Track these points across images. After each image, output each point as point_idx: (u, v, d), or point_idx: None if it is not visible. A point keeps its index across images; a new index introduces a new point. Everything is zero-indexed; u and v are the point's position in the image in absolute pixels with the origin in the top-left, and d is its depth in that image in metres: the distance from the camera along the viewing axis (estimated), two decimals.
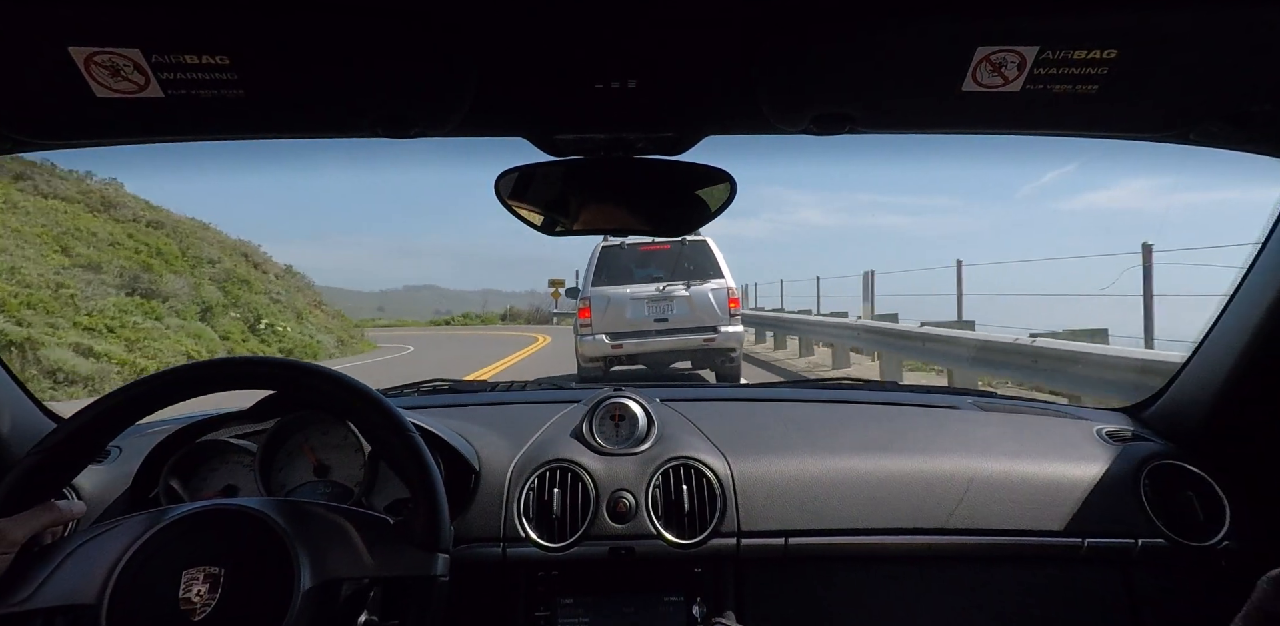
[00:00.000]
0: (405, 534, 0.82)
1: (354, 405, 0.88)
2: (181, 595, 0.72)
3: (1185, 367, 1.32)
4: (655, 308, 7.67)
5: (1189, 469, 1.23)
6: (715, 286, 7.74)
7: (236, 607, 0.73)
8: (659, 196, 1.11)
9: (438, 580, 0.82)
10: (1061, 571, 1.20)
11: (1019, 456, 1.26)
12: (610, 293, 7.65)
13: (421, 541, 0.82)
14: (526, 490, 1.18)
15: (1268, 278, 1.12)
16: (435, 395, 1.60)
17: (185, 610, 0.71)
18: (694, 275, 7.80)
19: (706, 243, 8.02)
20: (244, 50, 0.75)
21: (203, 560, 0.74)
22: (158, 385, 0.86)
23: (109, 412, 0.85)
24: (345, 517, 0.83)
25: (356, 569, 0.79)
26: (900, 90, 0.86)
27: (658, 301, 7.68)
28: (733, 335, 7.73)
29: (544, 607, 1.15)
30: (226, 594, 0.72)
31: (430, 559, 0.82)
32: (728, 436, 1.29)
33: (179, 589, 0.72)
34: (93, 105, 0.80)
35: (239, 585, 0.74)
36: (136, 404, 0.86)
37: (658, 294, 7.67)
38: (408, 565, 0.81)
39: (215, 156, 1.23)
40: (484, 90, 0.88)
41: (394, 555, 0.81)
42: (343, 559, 0.79)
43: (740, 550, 1.17)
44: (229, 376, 0.87)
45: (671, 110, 0.99)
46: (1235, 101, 0.87)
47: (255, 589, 0.74)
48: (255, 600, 0.74)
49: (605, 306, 7.60)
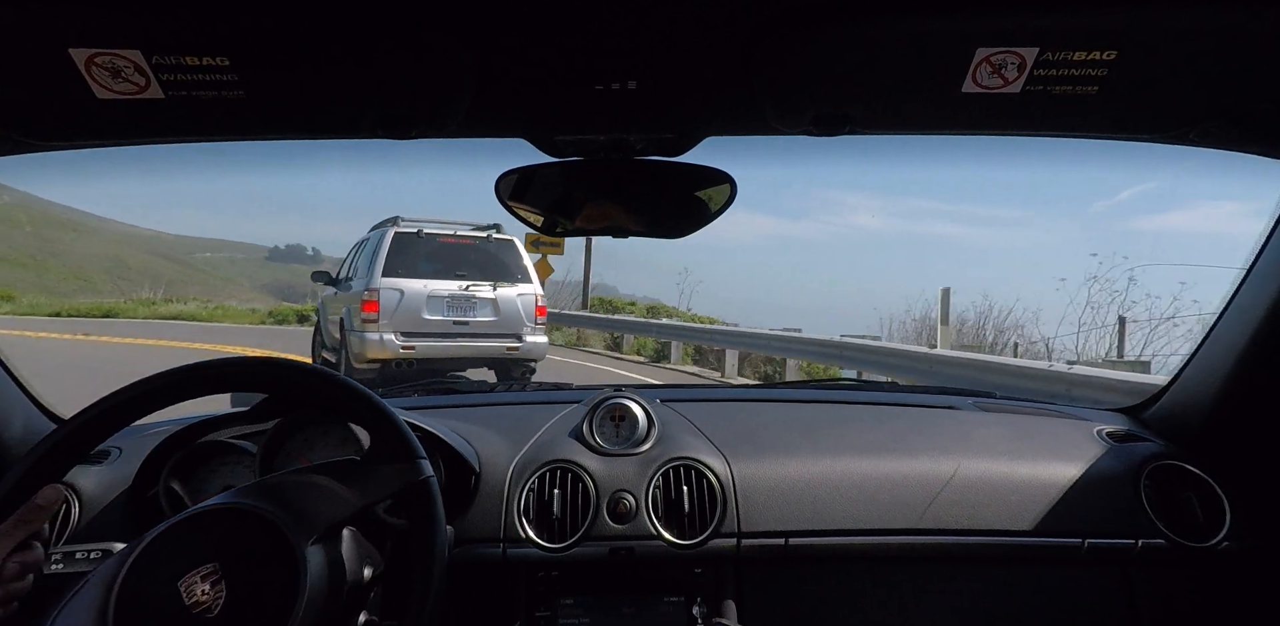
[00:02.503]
0: (378, 458, 0.84)
1: (349, 406, 0.88)
2: (187, 598, 0.72)
3: (1185, 368, 1.32)
4: (456, 308, 6.84)
5: (1189, 469, 1.23)
6: (524, 291, 7.10)
7: (245, 600, 0.72)
8: (659, 198, 1.11)
9: (430, 479, 0.83)
10: (1061, 571, 1.21)
11: (1019, 457, 1.26)
12: (405, 286, 6.65)
13: (397, 456, 0.83)
14: (527, 490, 1.18)
15: (1268, 278, 1.12)
16: (435, 395, 1.60)
17: (195, 613, 0.71)
18: (500, 276, 7.07)
19: (514, 242, 7.34)
20: (244, 51, 0.75)
21: (201, 561, 0.74)
22: (154, 386, 0.86)
23: (108, 413, 0.85)
24: (313, 472, 0.83)
25: (346, 507, 0.80)
26: (900, 91, 0.86)
27: (459, 301, 6.85)
28: (537, 346, 7.12)
29: (544, 608, 1.15)
30: (232, 588, 0.72)
31: (412, 466, 0.83)
32: (728, 437, 1.29)
33: (183, 592, 0.72)
34: (93, 106, 0.80)
35: (243, 578, 0.73)
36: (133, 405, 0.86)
37: (460, 292, 6.84)
38: (393, 480, 0.82)
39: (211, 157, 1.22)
40: (484, 91, 0.88)
41: (376, 480, 0.82)
42: (330, 505, 0.79)
43: (740, 550, 1.17)
44: (222, 377, 0.87)
45: (672, 111, 0.99)
46: (1235, 101, 0.86)
47: (260, 579, 0.74)
48: (262, 590, 0.73)
49: (398, 301, 6.58)
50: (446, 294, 6.82)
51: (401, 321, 6.63)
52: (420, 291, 6.71)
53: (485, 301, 6.94)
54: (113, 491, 1.16)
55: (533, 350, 7.13)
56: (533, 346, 7.12)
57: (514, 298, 7.06)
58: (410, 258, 6.84)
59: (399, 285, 6.66)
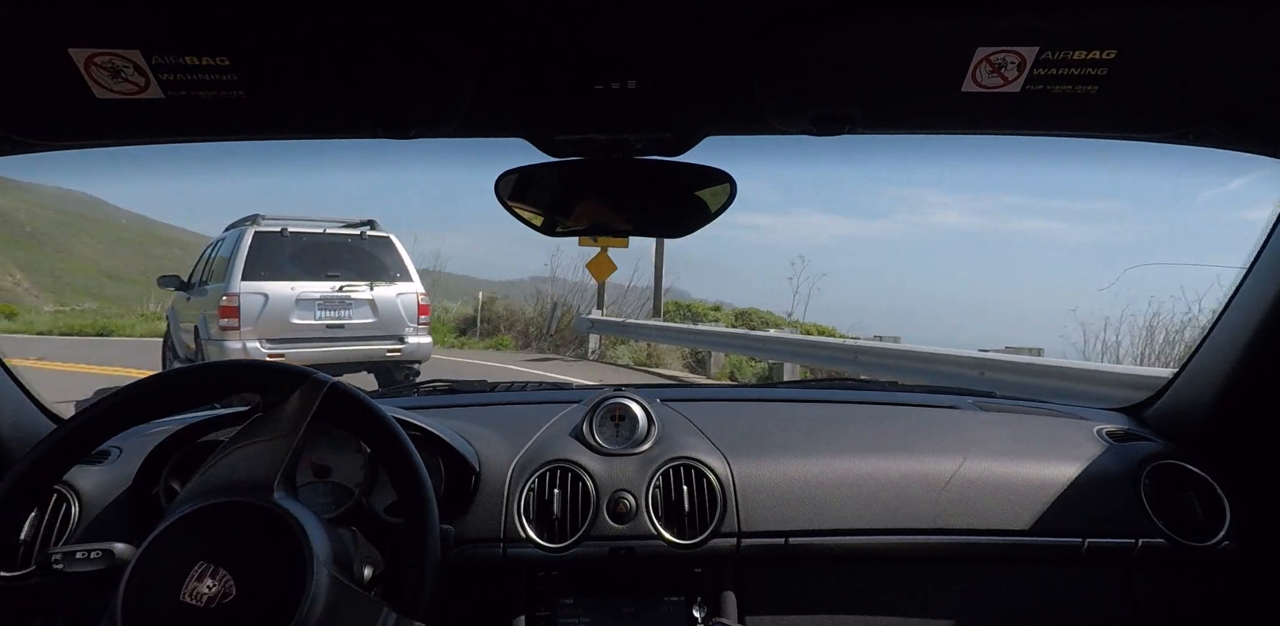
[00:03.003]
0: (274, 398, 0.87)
1: (346, 410, 0.88)
2: (194, 589, 0.72)
3: (1185, 367, 1.32)
4: (329, 311, 6.42)
5: (1189, 469, 1.23)
6: (404, 290, 6.74)
7: (252, 594, 0.73)
8: (659, 197, 1.11)
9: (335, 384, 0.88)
10: (1061, 571, 1.21)
11: (1019, 456, 1.26)
12: (269, 289, 6.18)
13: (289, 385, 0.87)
14: (527, 490, 1.18)
15: (1268, 278, 1.12)
16: (435, 396, 1.60)
17: (199, 607, 0.72)
18: (376, 275, 6.67)
19: (390, 239, 6.93)
20: (244, 51, 0.75)
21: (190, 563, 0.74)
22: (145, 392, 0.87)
23: (107, 415, 0.85)
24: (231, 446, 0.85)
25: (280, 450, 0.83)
26: (900, 91, 0.86)
27: (333, 304, 6.42)
28: (420, 347, 6.80)
29: (544, 608, 1.15)
30: (237, 573, 0.73)
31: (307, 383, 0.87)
32: (728, 436, 1.29)
33: (190, 582, 0.73)
34: (93, 106, 0.80)
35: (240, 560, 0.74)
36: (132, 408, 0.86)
37: (333, 294, 6.41)
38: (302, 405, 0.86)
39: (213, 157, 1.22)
40: (484, 91, 0.88)
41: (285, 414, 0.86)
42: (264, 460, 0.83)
43: (740, 550, 1.17)
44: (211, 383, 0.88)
45: (671, 111, 0.99)
46: (1235, 101, 0.86)
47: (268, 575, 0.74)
48: (270, 586, 0.74)
49: (261, 306, 6.15)
50: (318, 296, 6.40)
51: (267, 327, 6.21)
52: (287, 294, 6.27)
53: (361, 302, 6.56)
54: (113, 491, 1.16)
55: (416, 351, 6.81)
56: (415, 347, 6.80)
57: (393, 297, 6.70)
58: (274, 258, 6.37)
59: (262, 288, 6.21)
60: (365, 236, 6.85)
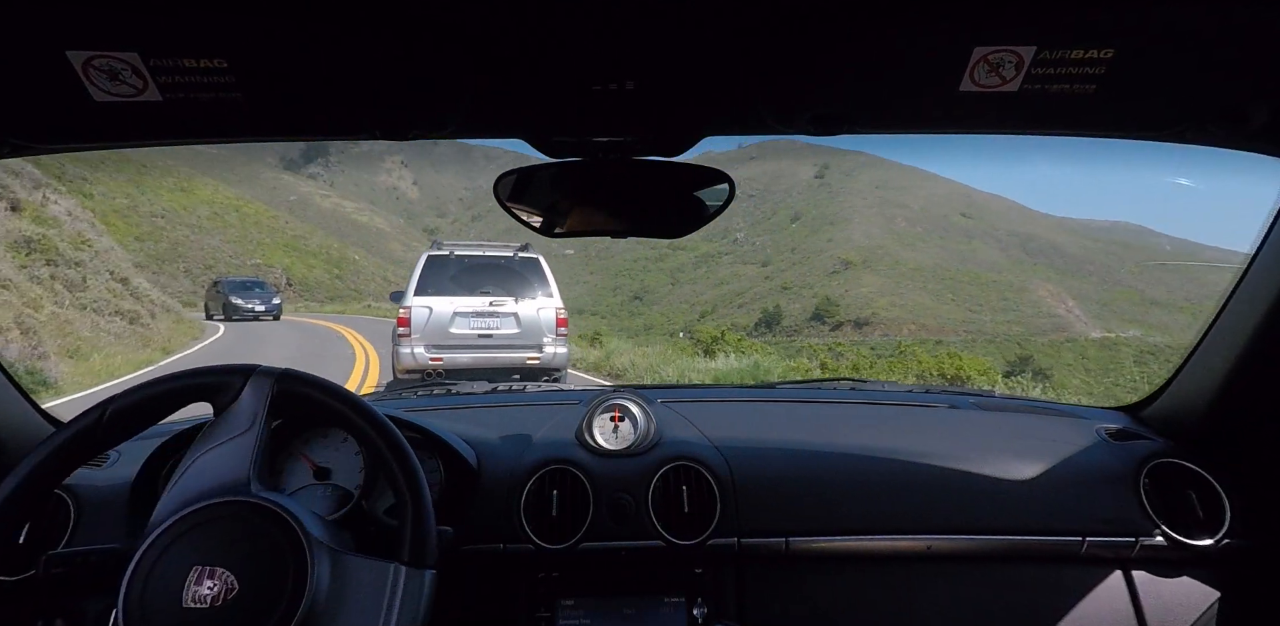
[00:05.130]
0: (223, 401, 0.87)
1: (343, 413, 0.88)
2: (195, 593, 0.73)
3: (1184, 366, 1.32)
4: (480, 322, 7.39)
5: (1189, 467, 1.23)
6: (544, 305, 7.52)
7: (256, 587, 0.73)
8: (658, 198, 1.11)
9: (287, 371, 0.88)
10: (1061, 570, 1.21)
11: (1019, 456, 1.26)
12: (433, 303, 7.33)
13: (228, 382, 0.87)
14: (527, 491, 1.18)
15: (1266, 277, 1.12)
16: (435, 397, 1.60)
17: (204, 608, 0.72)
18: (523, 291, 7.57)
19: (538, 260, 7.81)
20: (242, 54, 0.75)
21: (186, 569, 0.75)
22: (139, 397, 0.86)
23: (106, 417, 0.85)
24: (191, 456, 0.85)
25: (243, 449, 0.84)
26: (898, 91, 0.86)
27: (484, 316, 7.40)
28: (557, 356, 7.49)
29: (544, 608, 1.15)
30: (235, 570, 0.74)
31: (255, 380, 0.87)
32: (728, 437, 1.29)
33: (189, 588, 0.73)
34: (91, 109, 0.80)
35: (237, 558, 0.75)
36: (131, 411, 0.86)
37: (484, 308, 7.40)
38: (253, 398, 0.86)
39: None
40: (482, 93, 0.88)
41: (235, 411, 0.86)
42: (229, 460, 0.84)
43: (741, 550, 1.17)
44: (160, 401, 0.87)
45: (670, 111, 0.99)
46: (1234, 101, 0.86)
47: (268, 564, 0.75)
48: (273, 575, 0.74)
49: (427, 317, 7.26)
50: (472, 309, 7.35)
51: (430, 336, 7.22)
52: (448, 307, 7.29)
53: (508, 315, 7.40)
54: (112, 494, 1.16)
55: (552, 360, 7.48)
56: (552, 356, 7.48)
57: (535, 311, 7.46)
58: (440, 277, 7.47)
59: (428, 303, 7.29)
60: (517, 257, 7.76)
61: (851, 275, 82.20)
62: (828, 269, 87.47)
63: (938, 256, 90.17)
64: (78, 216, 19.30)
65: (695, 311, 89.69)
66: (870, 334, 61.54)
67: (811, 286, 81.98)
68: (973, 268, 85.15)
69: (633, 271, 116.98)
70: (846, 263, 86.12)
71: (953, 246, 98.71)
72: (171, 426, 1.25)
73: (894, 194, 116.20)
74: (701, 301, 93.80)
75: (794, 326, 69.62)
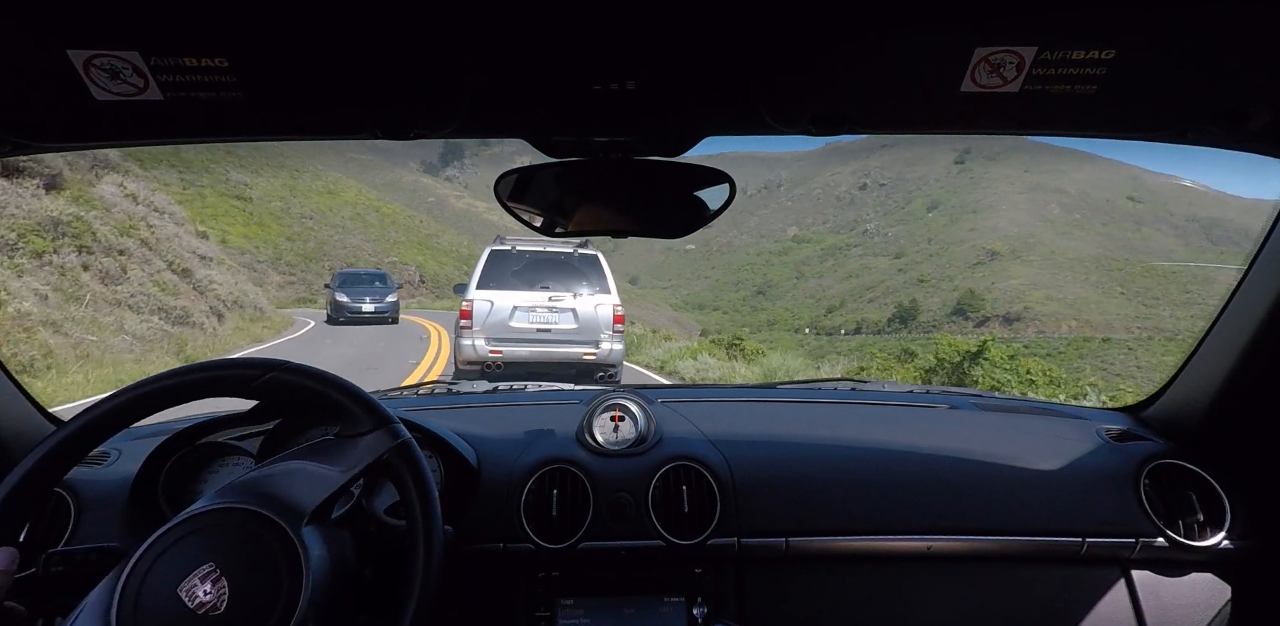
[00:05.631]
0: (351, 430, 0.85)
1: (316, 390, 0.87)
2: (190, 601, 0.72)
3: (1185, 367, 1.31)
4: (539, 316, 7.43)
5: (1189, 468, 1.22)
6: (602, 301, 7.53)
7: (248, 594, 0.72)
8: (658, 197, 1.11)
9: (409, 442, 0.84)
10: (1061, 571, 1.20)
11: (1019, 456, 1.26)
12: (494, 296, 7.40)
13: (371, 424, 0.84)
14: (526, 491, 1.18)
15: (1267, 277, 1.11)
16: (435, 396, 1.60)
17: (201, 614, 0.71)
18: (582, 287, 7.59)
19: (597, 256, 7.81)
20: (243, 52, 0.75)
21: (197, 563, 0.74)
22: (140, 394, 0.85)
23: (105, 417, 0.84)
24: (290, 458, 0.85)
25: (329, 483, 0.81)
26: (898, 91, 0.85)
27: (543, 310, 7.44)
28: (613, 352, 7.51)
29: (544, 608, 1.16)
30: (234, 584, 0.72)
31: (386, 430, 0.84)
32: (728, 436, 1.29)
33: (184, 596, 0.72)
34: (92, 108, 0.80)
35: (242, 573, 0.73)
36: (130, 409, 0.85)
37: (544, 303, 7.45)
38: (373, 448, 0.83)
39: None
40: (483, 92, 0.88)
41: (353, 451, 0.83)
42: (313, 485, 0.81)
43: (741, 550, 1.16)
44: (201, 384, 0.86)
45: (670, 111, 0.98)
46: (1234, 101, 0.86)
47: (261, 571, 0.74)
48: (264, 581, 0.74)
49: (489, 310, 7.34)
50: (531, 304, 7.40)
51: (490, 329, 7.30)
52: (509, 301, 7.35)
53: (565, 310, 7.43)
54: (112, 493, 1.15)
55: (608, 356, 7.51)
56: (608, 352, 7.52)
57: (592, 307, 7.49)
58: (502, 272, 7.51)
59: (490, 296, 7.35)
60: (577, 254, 7.79)
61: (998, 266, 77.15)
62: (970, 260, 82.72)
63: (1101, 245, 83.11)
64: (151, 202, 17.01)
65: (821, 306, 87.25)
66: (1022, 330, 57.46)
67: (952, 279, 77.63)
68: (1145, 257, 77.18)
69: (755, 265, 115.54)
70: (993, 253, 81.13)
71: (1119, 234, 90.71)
72: (172, 425, 1.26)
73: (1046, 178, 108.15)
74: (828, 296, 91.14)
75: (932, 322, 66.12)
